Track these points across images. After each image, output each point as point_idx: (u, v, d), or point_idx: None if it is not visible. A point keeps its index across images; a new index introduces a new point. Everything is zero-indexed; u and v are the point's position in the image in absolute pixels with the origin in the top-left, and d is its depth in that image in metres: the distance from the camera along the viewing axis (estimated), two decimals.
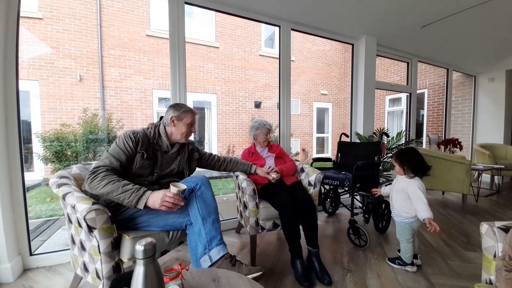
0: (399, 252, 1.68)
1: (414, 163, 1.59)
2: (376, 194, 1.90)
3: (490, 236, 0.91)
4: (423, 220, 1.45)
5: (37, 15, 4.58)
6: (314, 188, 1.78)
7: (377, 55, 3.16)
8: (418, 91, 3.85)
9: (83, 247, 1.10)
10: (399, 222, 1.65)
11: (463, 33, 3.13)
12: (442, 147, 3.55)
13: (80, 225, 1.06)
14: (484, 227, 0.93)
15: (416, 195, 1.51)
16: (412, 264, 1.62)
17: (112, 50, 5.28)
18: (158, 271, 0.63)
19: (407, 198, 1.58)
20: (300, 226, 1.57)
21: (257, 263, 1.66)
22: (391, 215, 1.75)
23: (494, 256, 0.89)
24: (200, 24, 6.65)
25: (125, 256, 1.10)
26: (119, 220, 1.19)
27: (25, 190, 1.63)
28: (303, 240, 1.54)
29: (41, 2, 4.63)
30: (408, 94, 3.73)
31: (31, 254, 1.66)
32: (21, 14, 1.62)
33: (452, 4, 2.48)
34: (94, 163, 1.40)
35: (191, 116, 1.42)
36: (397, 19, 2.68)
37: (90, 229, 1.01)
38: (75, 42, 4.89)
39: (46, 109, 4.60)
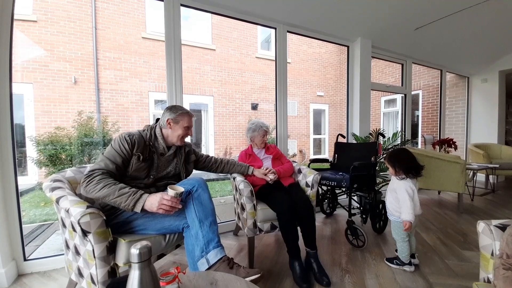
0: (397, 252, 1.69)
1: (405, 164, 1.60)
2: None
3: (487, 234, 0.91)
4: (402, 220, 1.55)
5: (31, 18, 4.53)
6: (311, 189, 1.77)
7: (372, 57, 3.19)
8: (412, 92, 3.90)
9: (77, 252, 1.08)
10: (393, 221, 1.67)
11: (456, 34, 3.18)
12: (437, 147, 3.59)
13: (74, 229, 1.04)
14: (481, 225, 0.94)
15: (402, 197, 1.56)
16: (410, 263, 1.62)
17: (108, 52, 5.24)
18: (154, 275, 0.62)
19: (397, 198, 1.61)
20: (298, 228, 1.57)
21: (255, 265, 1.65)
22: (387, 214, 1.77)
23: (492, 254, 0.90)
24: (197, 26, 6.65)
25: (120, 260, 1.08)
26: (114, 224, 1.17)
27: (18, 194, 1.60)
28: (301, 242, 1.53)
29: (36, 4, 4.59)
30: (403, 95, 3.76)
31: (25, 259, 1.63)
32: (15, 17, 1.61)
33: (445, 6, 2.52)
34: (89, 166, 1.38)
35: (187, 118, 1.41)
36: (391, 21, 2.71)
37: (85, 233, 0.99)
38: (69, 44, 4.84)
39: (40, 112, 4.54)
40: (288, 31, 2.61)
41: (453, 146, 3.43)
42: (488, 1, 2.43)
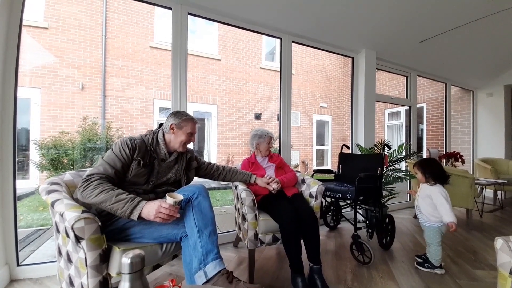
0: (419, 258, 1.82)
1: (436, 171, 1.76)
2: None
3: (505, 251, 0.85)
4: (447, 223, 1.63)
5: (42, 25, 4.66)
6: (315, 200, 1.72)
7: (377, 69, 3.19)
8: (417, 105, 3.87)
9: (69, 259, 1.03)
10: (429, 227, 1.76)
11: (461, 48, 3.19)
12: (444, 160, 3.51)
13: (67, 235, 0.99)
14: (499, 242, 0.87)
15: (439, 201, 1.67)
16: (440, 267, 1.70)
17: (116, 60, 5.35)
18: None
19: (433, 204, 1.71)
20: (301, 241, 1.50)
21: (255, 280, 1.57)
22: (419, 221, 1.83)
23: (510, 272, 0.83)
24: (203, 37, 6.81)
25: (113, 270, 1.02)
26: (110, 231, 1.13)
27: (15, 198, 1.57)
28: (304, 256, 1.46)
29: (47, 12, 4.73)
30: (408, 107, 3.74)
31: (18, 265, 1.58)
32: (27, 23, 1.64)
33: (450, 20, 2.53)
34: (88, 170, 1.35)
35: (191, 125, 1.38)
36: (396, 33, 2.73)
37: (78, 239, 0.95)
38: (79, 52, 4.96)
39: (46, 117, 4.59)
40: (294, 42, 2.63)
41: (460, 160, 3.35)
42: (493, 15, 2.44)
